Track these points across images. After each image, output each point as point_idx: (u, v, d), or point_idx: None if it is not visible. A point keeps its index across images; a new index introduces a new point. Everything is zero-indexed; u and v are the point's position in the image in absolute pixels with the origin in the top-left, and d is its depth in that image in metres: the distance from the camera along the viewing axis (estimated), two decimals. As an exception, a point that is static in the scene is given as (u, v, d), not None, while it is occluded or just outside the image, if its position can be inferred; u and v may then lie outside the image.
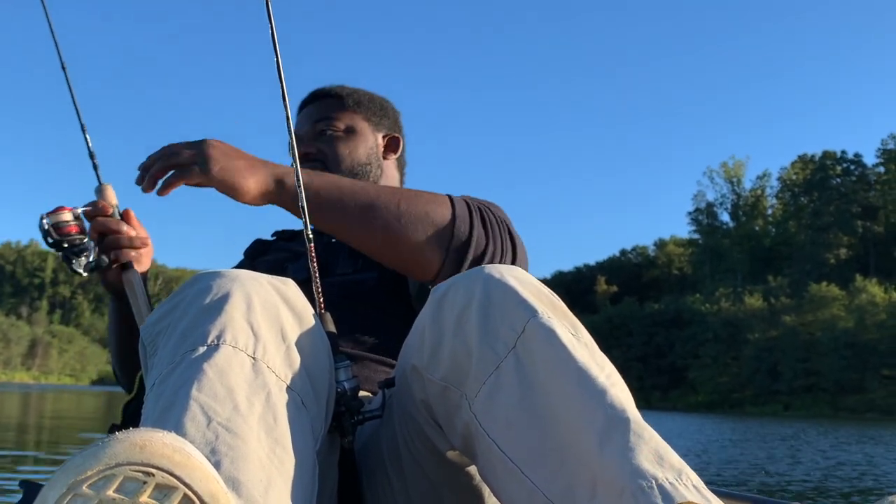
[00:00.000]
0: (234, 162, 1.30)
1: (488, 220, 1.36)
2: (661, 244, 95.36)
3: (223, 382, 0.90)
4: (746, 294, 71.67)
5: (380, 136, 1.74)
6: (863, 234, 76.86)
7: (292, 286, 1.07)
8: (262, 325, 0.98)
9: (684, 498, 0.80)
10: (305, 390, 0.99)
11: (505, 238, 1.37)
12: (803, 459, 9.62)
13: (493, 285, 1.01)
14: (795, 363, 61.73)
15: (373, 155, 1.70)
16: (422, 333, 1.07)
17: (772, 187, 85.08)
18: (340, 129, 1.69)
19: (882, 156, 78.60)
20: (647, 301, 79.80)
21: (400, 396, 1.13)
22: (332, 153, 1.67)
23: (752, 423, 28.70)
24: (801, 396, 61.34)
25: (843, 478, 7.25)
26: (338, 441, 1.10)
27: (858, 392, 58.77)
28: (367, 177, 1.67)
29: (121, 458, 0.63)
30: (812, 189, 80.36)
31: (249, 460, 0.84)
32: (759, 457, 9.73)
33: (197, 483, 0.65)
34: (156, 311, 1.05)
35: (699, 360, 68.63)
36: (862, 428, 26.36)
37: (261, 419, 0.90)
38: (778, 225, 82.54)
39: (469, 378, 0.99)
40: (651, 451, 0.85)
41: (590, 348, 0.98)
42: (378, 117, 1.75)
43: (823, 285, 65.29)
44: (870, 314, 60.52)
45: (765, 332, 65.57)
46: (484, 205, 1.40)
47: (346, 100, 1.72)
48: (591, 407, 0.90)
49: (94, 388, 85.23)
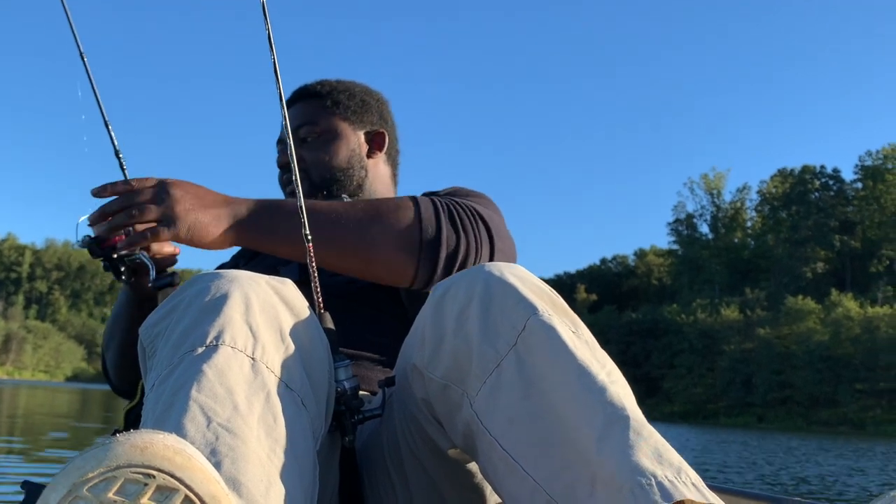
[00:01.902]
0: (198, 216, 1.29)
1: (457, 215, 1.36)
2: (641, 254, 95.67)
3: (222, 383, 0.90)
4: (723, 306, 72.03)
5: (361, 136, 1.72)
6: (840, 249, 77.43)
7: (290, 286, 1.08)
8: (261, 325, 0.98)
9: (683, 495, 0.80)
10: (305, 390, 0.99)
11: (479, 230, 1.36)
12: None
13: (493, 283, 1.02)
14: (770, 375, 62.09)
15: (354, 157, 1.69)
16: (422, 332, 1.07)
17: (751, 200, 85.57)
18: (319, 133, 1.67)
19: (860, 172, 79.29)
20: (626, 310, 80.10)
21: (400, 395, 1.14)
22: (313, 160, 1.66)
23: (725, 433, 28.84)
24: (775, 409, 61.73)
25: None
26: (338, 440, 1.10)
27: (831, 405, 59.22)
28: (350, 181, 1.66)
29: (122, 460, 0.62)
30: (791, 203, 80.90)
31: (250, 461, 0.84)
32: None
33: (198, 485, 0.65)
34: (154, 313, 1.05)
35: (675, 370, 68.91)
36: (831, 440, 26.56)
37: (260, 419, 0.90)
38: (757, 238, 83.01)
39: (470, 376, 1.00)
40: (650, 449, 0.85)
41: (590, 346, 0.99)
42: (359, 115, 1.72)
43: (800, 298, 65.69)
44: (845, 328, 60.96)
45: (740, 344, 65.94)
46: (453, 201, 1.39)
47: (325, 100, 1.70)
48: (592, 404, 0.90)
49: (68, 384, 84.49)
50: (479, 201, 1.45)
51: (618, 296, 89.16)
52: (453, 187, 1.56)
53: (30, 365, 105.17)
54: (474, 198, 1.48)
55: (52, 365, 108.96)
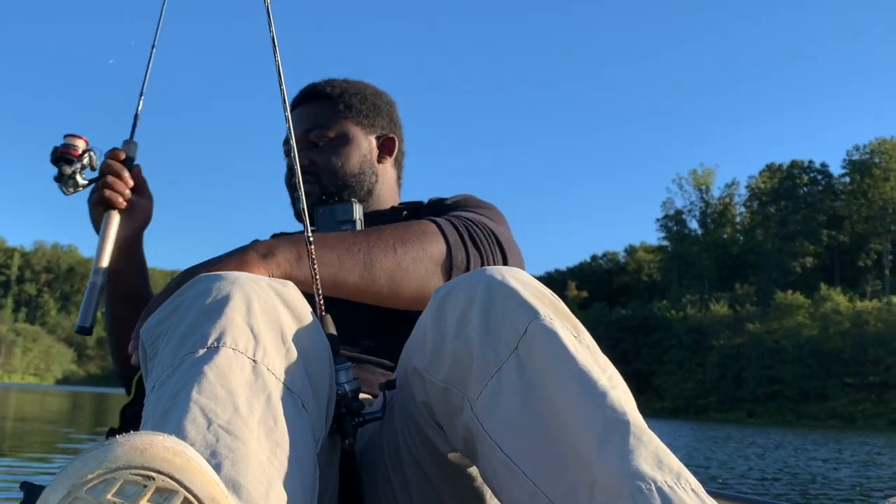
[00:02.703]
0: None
1: (478, 238, 1.36)
2: (631, 250, 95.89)
3: (223, 385, 0.90)
4: (713, 301, 72.29)
5: (373, 140, 1.70)
6: (828, 244, 77.83)
7: (292, 288, 1.07)
8: (262, 327, 0.98)
9: (683, 501, 0.81)
10: (306, 392, 0.99)
11: (495, 250, 1.38)
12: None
13: (494, 287, 1.02)
14: (760, 370, 62.43)
15: (366, 162, 1.67)
16: (423, 335, 1.06)
17: (740, 195, 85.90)
18: (331, 137, 1.65)
19: (847, 166, 79.64)
20: (617, 306, 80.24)
21: (401, 398, 1.13)
22: (325, 164, 1.64)
23: (716, 429, 28.96)
24: (765, 403, 62.07)
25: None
26: (338, 443, 1.09)
27: (821, 400, 59.56)
28: (361, 186, 1.65)
29: (121, 461, 0.62)
30: (779, 198, 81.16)
31: (250, 463, 0.83)
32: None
33: (197, 487, 0.65)
34: (156, 314, 1.04)
35: (665, 365, 69.16)
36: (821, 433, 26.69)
37: (261, 421, 0.90)
38: (746, 233, 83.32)
39: (471, 379, 1.00)
40: (650, 454, 0.85)
41: (591, 350, 0.99)
42: (371, 119, 1.69)
43: (789, 293, 66.05)
44: (834, 323, 61.32)
45: (730, 339, 66.23)
46: (470, 221, 1.39)
47: (337, 103, 1.67)
48: (592, 409, 0.90)
49: (58, 387, 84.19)
50: (489, 214, 1.47)
51: (608, 292, 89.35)
52: (463, 196, 1.57)
53: (19, 368, 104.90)
54: (484, 210, 1.49)
55: (42, 368, 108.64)
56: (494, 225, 1.43)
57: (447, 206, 1.55)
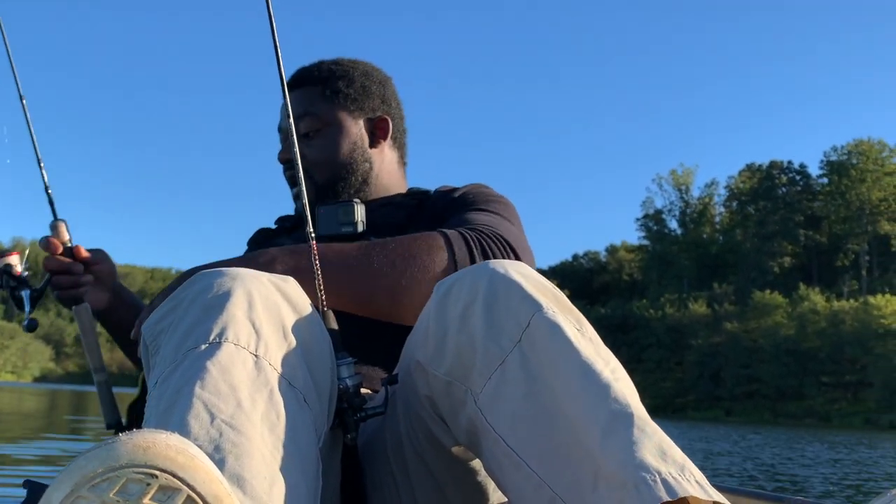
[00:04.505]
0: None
1: (488, 248, 1.33)
2: (612, 250, 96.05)
3: (226, 380, 0.90)
4: (691, 300, 72.67)
5: (362, 124, 1.64)
6: (806, 244, 78.41)
7: (293, 284, 1.08)
8: (264, 322, 0.98)
9: (687, 492, 0.81)
10: (307, 387, 0.99)
11: (508, 257, 1.34)
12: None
13: (497, 280, 1.01)
14: (738, 369, 62.73)
15: (357, 149, 1.62)
16: (426, 328, 1.06)
17: (719, 195, 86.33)
18: (318, 126, 1.61)
19: (825, 167, 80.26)
20: (598, 305, 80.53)
21: (403, 392, 1.13)
22: (315, 159, 1.60)
23: (694, 427, 29.18)
24: (743, 402, 62.42)
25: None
26: (340, 438, 1.10)
27: (798, 398, 60.03)
28: (353, 175, 1.61)
29: (124, 460, 0.63)
30: (758, 198, 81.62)
31: (253, 457, 0.84)
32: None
33: (200, 485, 0.65)
34: (157, 310, 1.04)
35: (643, 364, 69.36)
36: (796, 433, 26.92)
37: (264, 416, 0.90)
38: (725, 233, 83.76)
39: (474, 373, 1.00)
40: (654, 446, 0.86)
41: (594, 343, 0.99)
42: (358, 102, 1.63)
43: (767, 293, 66.37)
44: (811, 322, 61.69)
45: (708, 339, 66.55)
46: (484, 234, 1.35)
47: (324, 88, 1.62)
48: (596, 401, 0.90)
49: (35, 385, 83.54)
50: (500, 210, 1.46)
51: (589, 291, 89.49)
52: (473, 188, 1.55)
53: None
54: (495, 205, 1.47)
55: (20, 366, 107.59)
56: (508, 226, 1.40)
57: (455, 199, 1.53)
